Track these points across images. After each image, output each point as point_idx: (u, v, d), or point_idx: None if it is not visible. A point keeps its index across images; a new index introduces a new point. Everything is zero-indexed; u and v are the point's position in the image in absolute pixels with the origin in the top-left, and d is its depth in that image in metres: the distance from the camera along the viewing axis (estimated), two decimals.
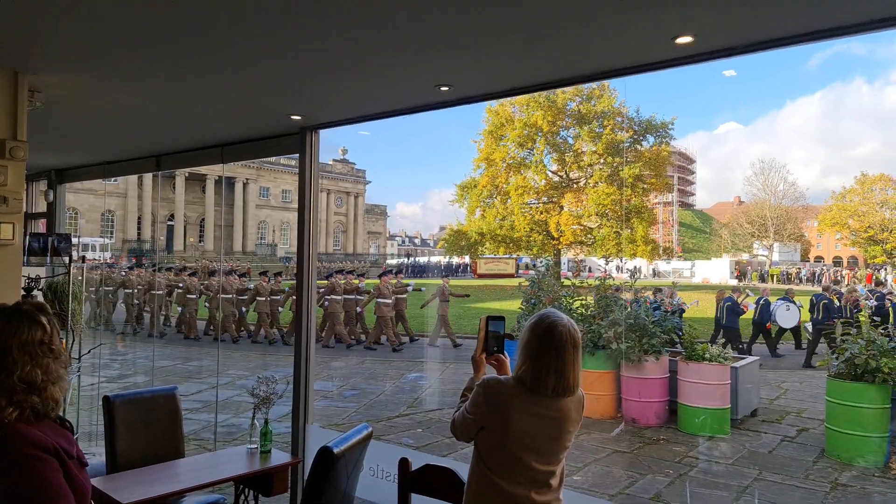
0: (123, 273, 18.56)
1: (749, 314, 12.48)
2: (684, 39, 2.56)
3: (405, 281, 16.91)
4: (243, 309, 15.64)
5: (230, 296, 15.55)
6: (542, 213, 31.60)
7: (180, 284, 16.05)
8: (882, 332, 6.74)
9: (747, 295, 13.14)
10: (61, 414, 1.80)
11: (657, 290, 14.22)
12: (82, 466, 1.77)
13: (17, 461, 1.59)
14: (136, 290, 16.67)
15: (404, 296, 14.81)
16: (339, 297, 14.35)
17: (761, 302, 12.53)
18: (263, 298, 14.92)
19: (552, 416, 2.12)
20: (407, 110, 3.64)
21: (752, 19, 2.38)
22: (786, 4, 2.26)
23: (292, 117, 3.96)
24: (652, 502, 5.40)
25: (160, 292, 16.05)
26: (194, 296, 15.69)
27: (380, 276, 14.97)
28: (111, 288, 17.48)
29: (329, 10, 2.37)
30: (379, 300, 14.02)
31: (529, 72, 3.05)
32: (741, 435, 7.42)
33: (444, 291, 14.53)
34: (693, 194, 58.50)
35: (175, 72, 3.21)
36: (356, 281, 14.97)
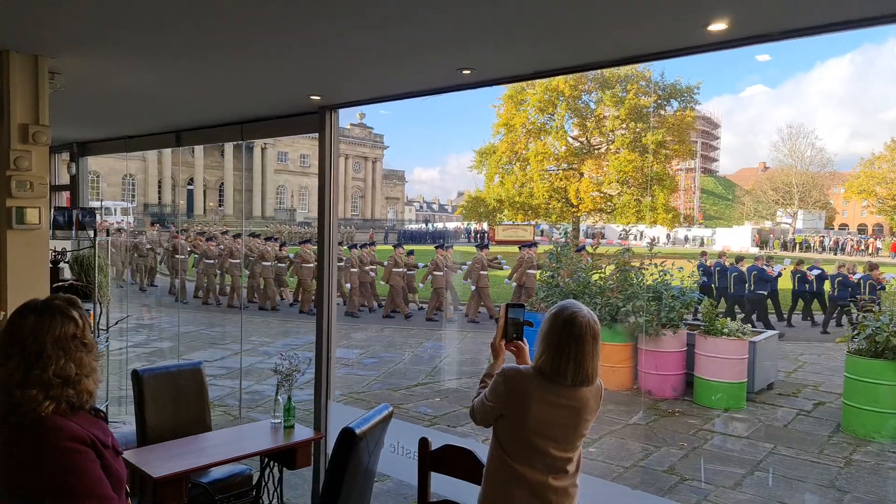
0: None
1: None
2: (718, 26, 2.47)
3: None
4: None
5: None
6: (561, 179, 31.25)
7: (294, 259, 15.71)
8: None
9: None
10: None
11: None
12: (117, 455, 1.84)
13: (56, 454, 1.65)
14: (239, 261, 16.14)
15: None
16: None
17: None
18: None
19: (570, 405, 2.16)
20: (427, 92, 3.60)
21: (788, 6, 2.28)
22: None
23: (311, 97, 3.94)
24: (666, 475, 5.48)
25: (282, 264, 15.86)
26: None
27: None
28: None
29: None
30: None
31: (554, 56, 2.97)
32: (757, 408, 7.45)
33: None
34: (716, 160, 57.32)
35: (195, 53, 3.20)
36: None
